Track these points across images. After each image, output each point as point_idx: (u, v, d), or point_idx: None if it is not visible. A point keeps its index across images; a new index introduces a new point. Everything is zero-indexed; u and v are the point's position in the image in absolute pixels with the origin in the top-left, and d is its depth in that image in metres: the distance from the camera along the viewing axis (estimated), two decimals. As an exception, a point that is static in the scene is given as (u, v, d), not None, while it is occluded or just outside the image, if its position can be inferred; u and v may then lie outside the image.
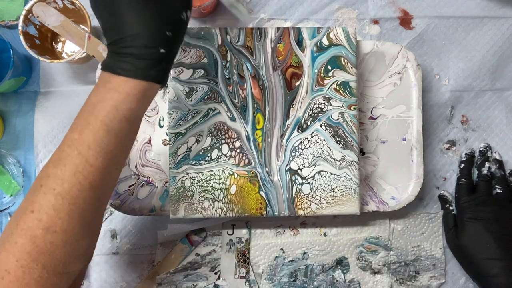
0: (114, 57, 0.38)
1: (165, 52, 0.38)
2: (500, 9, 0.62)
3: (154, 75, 0.38)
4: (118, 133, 0.38)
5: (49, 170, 0.37)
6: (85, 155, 0.37)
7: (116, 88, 0.37)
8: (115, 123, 0.37)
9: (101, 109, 0.37)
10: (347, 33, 0.53)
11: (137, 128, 0.41)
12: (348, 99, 0.53)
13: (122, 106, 0.37)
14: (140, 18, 0.37)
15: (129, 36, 0.37)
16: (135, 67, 0.37)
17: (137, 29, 0.37)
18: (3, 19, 0.59)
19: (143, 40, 0.37)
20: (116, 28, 0.38)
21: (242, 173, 0.52)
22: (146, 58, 0.37)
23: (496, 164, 0.58)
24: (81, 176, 0.37)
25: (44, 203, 0.36)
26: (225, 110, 0.53)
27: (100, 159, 0.37)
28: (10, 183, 0.59)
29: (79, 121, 0.38)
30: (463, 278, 0.59)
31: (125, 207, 0.54)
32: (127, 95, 0.37)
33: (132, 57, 0.37)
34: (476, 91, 0.61)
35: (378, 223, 0.59)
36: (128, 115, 0.38)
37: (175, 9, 0.38)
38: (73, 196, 0.36)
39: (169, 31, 0.38)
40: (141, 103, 0.38)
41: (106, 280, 0.58)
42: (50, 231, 0.36)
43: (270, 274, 0.58)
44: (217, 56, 0.53)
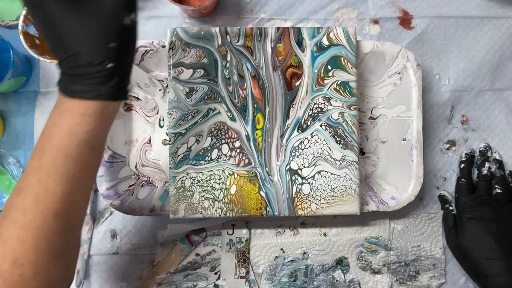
0: (64, 78, 0.36)
1: (113, 65, 0.35)
2: (500, 9, 0.62)
3: (107, 93, 0.35)
4: (77, 158, 0.36)
5: (12, 200, 0.36)
6: (45, 183, 0.35)
7: (70, 111, 0.35)
8: (72, 148, 0.35)
9: (57, 133, 0.35)
10: (347, 33, 0.53)
11: (100, 150, 0.38)
12: (348, 99, 0.53)
13: (78, 129, 0.35)
14: (77, 35, 0.34)
15: (70, 55, 0.34)
16: (85, 88, 0.35)
17: (77, 48, 0.34)
18: (3, 19, 0.59)
19: (85, 58, 0.34)
20: (58, 48, 0.35)
21: (242, 173, 0.52)
22: (94, 76, 0.34)
23: (496, 164, 0.58)
24: (43, 206, 0.35)
25: (8, 236, 0.35)
26: (225, 110, 0.53)
27: (62, 186, 0.35)
28: (10, 183, 0.59)
29: (37, 147, 0.36)
30: (463, 278, 0.59)
31: (125, 207, 0.54)
32: (82, 117, 0.35)
33: (80, 78, 0.35)
34: (476, 91, 0.61)
35: (378, 223, 0.59)
36: (86, 138, 0.36)
37: (114, 16, 0.35)
38: (37, 227, 0.35)
39: (112, 42, 0.35)
40: (99, 123, 0.36)
41: (106, 280, 0.58)
42: (18, 264, 0.34)
43: (270, 274, 0.58)
44: (217, 56, 0.53)
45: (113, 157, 0.55)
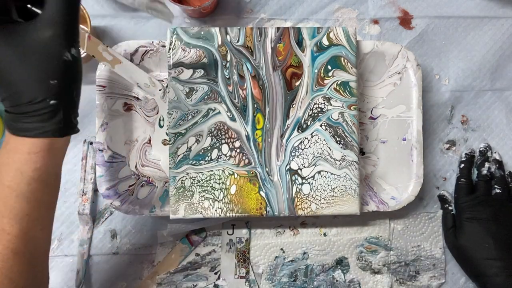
0: (9, 117, 0.34)
1: (56, 102, 0.33)
2: (500, 9, 0.62)
3: (53, 130, 0.34)
4: (29, 196, 0.35)
5: None
6: (0, 224, 0.34)
7: (16, 150, 0.34)
8: (22, 187, 0.34)
9: (5, 173, 0.34)
10: (347, 33, 0.53)
11: (54, 185, 0.37)
12: (348, 99, 0.53)
13: (26, 167, 0.34)
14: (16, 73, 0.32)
15: (12, 94, 0.33)
16: (28, 125, 0.33)
17: (17, 86, 0.33)
18: (3, 19, 0.59)
19: (26, 96, 0.33)
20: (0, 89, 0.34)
21: (242, 173, 0.52)
22: (36, 114, 0.33)
23: (496, 164, 0.58)
24: (0, 246, 0.34)
25: None
26: (225, 110, 0.53)
27: (17, 225, 0.35)
28: (10, 183, 0.59)
29: None
30: (463, 278, 0.59)
31: (125, 207, 0.54)
32: (28, 155, 0.34)
33: (24, 116, 0.33)
34: (476, 91, 0.61)
35: (378, 223, 0.59)
36: (35, 175, 0.35)
37: (54, 52, 0.33)
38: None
39: (53, 79, 0.33)
40: (48, 159, 0.35)
41: (106, 280, 0.58)
42: None
43: (270, 274, 0.58)
44: (217, 56, 0.53)
45: (113, 157, 0.55)
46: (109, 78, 0.54)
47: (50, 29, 0.32)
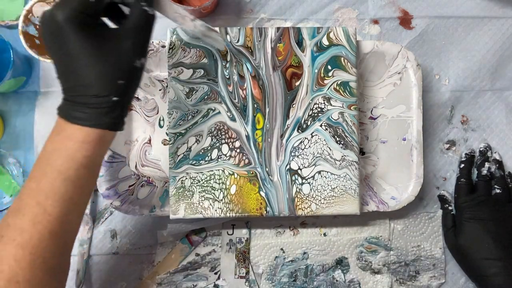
0: (68, 105, 0.38)
1: (118, 99, 0.37)
2: (500, 9, 0.62)
3: (108, 123, 0.38)
4: (75, 181, 0.38)
5: (9, 220, 0.37)
6: (43, 205, 0.37)
7: (71, 137, 0.37)
8: (71, 172, 0.37)
9: (57, 158, 0.37)
10: (347, 33, 0.53)
11: (96, 173, 0.41)
12: (348, 99, 0.53)
13: (78, 154, 0.37)
14: (91, 68, 0.36)
15: (80, 85, 0.37)
16: (88, 116, 0.37)
17: (88, 79, 0.36)
18: (3, 19, 0.59)
19: (94, 89, 0.36)
20: (68, 76, 0.37)
21: (242, 173, 0.52)
22: (98, 107, 0.37)
23: (496, 164, 0.58)
24: (40, 226, 0.37)
25: (5, 254, 0.36)
26: (225, 110, 0.53)
27: (59, 208, 0.37)
28: (10, 183, 0.59)
29: (36, 169, 0.38)
30: (463, 278, 0.59)
31: (125, 207, 0.54)
32: (81, 143, 0.37)
33: (84, 106, 0.37)
34: (476, 91, 0.61)
35: (378, 223, 0.59)
36: (84, 162, 0.38)
37: (127, 58, 0.38)
38: (34, 246, 0.36)
39: (121, 80, 0.37)
40: (97, 149, 0.38)
41: (106, 280, 0.58)
42: (13, 281, 0.36)
43: (270, 274, 0.58)
44: (217, 56, 0.53)
45: (113, 157, 0.55)
46: (109, 78, 0.54)
47: (129, 40, 0.38)
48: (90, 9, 0.36)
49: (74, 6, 0.35)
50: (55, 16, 0.35)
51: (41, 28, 0.37)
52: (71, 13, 0.35)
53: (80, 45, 0.36)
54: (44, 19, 0.36)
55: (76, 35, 0.36)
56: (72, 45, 0.36)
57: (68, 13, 0.35)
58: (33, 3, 0.52)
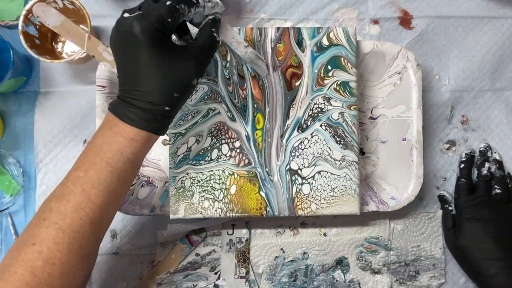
0: (123, 104, 0.41)
1: (169, 109, 0.41)
2: (500, 9, 0.62)
3: (156, 128, 0.41)
4: (120, 174, 0.41)
5: (52, 204, 0.40)
6: (88, 193, 0.40)
7: (122, 133, 0.40)
8: (119, 165, 0.40)
9: (107, 151, 0.40)
10: (347, 33, 0.53)
11: (138, 168, 0.44)
12: (348, 99, 0.53)
13: (127, 150, 0.40)
14: (154, 78, 0.39)
15: (140, 91, 0.40)
16: (140, 119, 0.40)
17: (149, 87, 0.40)
18: (3, 19, 0.59)
19: (152, 97, 0.40)
20: (130, 81, 0.40)
21: (242, 173, 0.52)
22: (151, 113, 0.40)
23: (496, 164, 0.58)
24: (82, 212, 0.39)
25: (45, 236, 0.38)
26: (225, 110, 0.53)
27: (102, 197, 0.40)
28: (10, 183, 0.59)
29: (85, 160, 0.41)
30: (463, 278, 0.59)
31: (125, 207, 0.54)
32: (131, 141, 0.40)
33: (139, 110, 0.40)
34: (476, 91, 0.61)
35: (378, 223, 0.59)
36: (131, 158, 0.41)
37: (188, 75, 0.41)
38: (74, 230, 0.39)
39: (176, 93, 0.41)
40: (143, 147, 0.41)
41: (106, 280, 0.58)
42: (49, 263, 0.38)
43: (270, 274, 0.58)
44: (217, 56, 0.53)
45: (113, 157, 0.55)
46: (109, 78, 0.54)
47: (193, 59, 0.41)
48: (165, 28, 0.39)
49: (152, 21, 0.38)
50: (133, 26, 0.38)
51: (114, 33, 0.40)
52: (149, 27, 0.38)
53: (150, 57, 0.39)
54: (120, 26, 0.40)
55: (148, 47, 0.39)
56: (142, 54, 0.39)
57: (146, 27, 0.38)
58: (33, 3, 0.52)
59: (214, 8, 0.43)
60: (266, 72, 0.52)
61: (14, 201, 0.58)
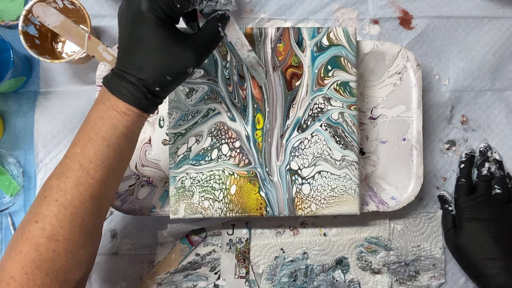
0: (116, 78, 0.41)
1: (159, 90, 0.41)
2: (500, 9, 0.62)
3: (145, 105, 0.41)
4: (116, 148, 0.41)
5: (52, 182, 0.40)
6: (86, 168, 0.40)
7: (114, 107, 0.40)
8: (114, 139, 0.41)
9: (101, 125, 0.40)
10: (347, 33, 0.53)
11: (134, 144, 0.44)
12: (348, 99, 0.53)
13: (120, 124, 0.41)
14: (152, 56, 0.40)
15: (135, 65, 0.40)
16: (131, 94, 0.40)
17: (144, 63, 0.40)
18: (3, 19, 0.59)
19: (145, 74, 0.40)
20: (128, 54, 0.41)
21: (242, 173, 0.52)
22: (141, 90, 0.40)
23: (496, 165, 0.58)
24: (82, 188, 0.40)
25: (47, 213, 0.39)
26: (225, 110, 0.53)
27: (100, 172, 0.40)
28: (10, 183, 0.59)
29: (81, 136, 0.41)
30: (463, 278, 0.59)
31: (125, 207, 0.54)
32: (124, 115, 0.40)
33: (131, 85, 0.40)
34: (476, 91, 0.61)
35: (378, 223, 0.59)
36: (125, 132, 0.41)
37: (185, 62, 0.41)
38: (75, 206, 0.40)
39: (170, 77, 0.41)
40: (136, 123, 0.42)
41: (106, 280, 0.58)
42: (53, 239, 0.39)
43: (270, 274, 0.58)
44: (217, 56, 0.53)
45: (113, 157, 0.55)
46: (109, 78, 0.54)
47: (194, 48, 0.41)
48: (172, 12, 0.40)
49: (161, 2, 0.39)
50: (142, 2, 0.39)
51: (123, 4, 0.41)
52: (156, 7, 0.39)
53: (151, 35, 0.39)
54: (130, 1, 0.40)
55: (151, 26, 0.39)
56: (144, 31, 0.39)
57: (154, 6, 0.39)
58: (33, 3, 0.52)
59: (227, 6, 0.44)
60: (264, 80, 0.52)
61: (14, 201, 0.58)
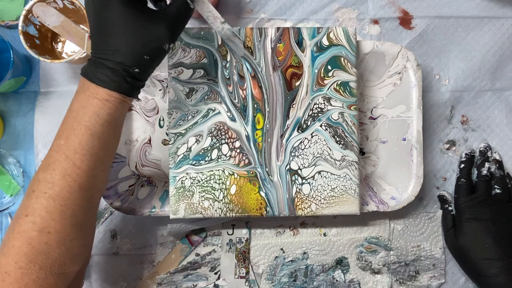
0: (93, 67, 0.40)
1: (139, 71, 0.40)
2: (500, 9, 0.62)
3: (127, 89, 0.41)
4: (100, 136, 0.41)
5: (39, 176, 0.40)
6: (72, 159, 0.40)
7: (95, 95, 0.40)
8: (97, 127, 0.40)
9: (84, 115, 0.40)
10: (347, 33, 0.53)
11: (119, 131, 0.44)
12: (348, 99, 0.53)
13: (102, 111, 0.40)
14: (124, 38, 0.39)
15: (109, 50, 0.40)
16: (110, 80, 0.40)
17: (118, 46, 0.39)
18: (3, 19, 0.59)
19: (121, 57, 0.39)
20: (101, 39, 0.40)
21: (242, 173, 0.52)
22: (120, 74, 0.40)
23: (496, 164, 0.58)
24: (70, 179, 0.39)
25: (37, 207, 0.39)
26: (225, 110, 0.53)
27: (86, 162, 0.40)
28: (10, 183, 0.59)
29: (64, 128, 0.41)
30: (463, 278, 0.59)
31: (125, 207, 0.54)
32: (105, 102, 0.40)
33: (109, 70, 0.40)
34: (476, 91, 0.61)
35: (378, 223, 0.59)
36: (108, 119, 0.41)
37: (160, 39, 0.41)
38: (64, 198, 0.39)
39: (147, 55, 0.40)
40: (119, 109, 0.41)
41: (106, 280, 0.58)
42: (45, 232, 0.38)
43: (270, 274, 0.58)
44: (217, 56, 0.53)
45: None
46: (109, 78, 0.54)
47: (166, 24, 0.41)
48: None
49: None
50: None
51: None
52: None
53: (121, 14, 0.39)
54: None
55: (119, 6, 0.39)
56: (113, 12, 0.39)
57: None
58: (33, 3, 0.52)
59: None
60: (243, 51, 0.52)
61: (14, 201, 0.58)
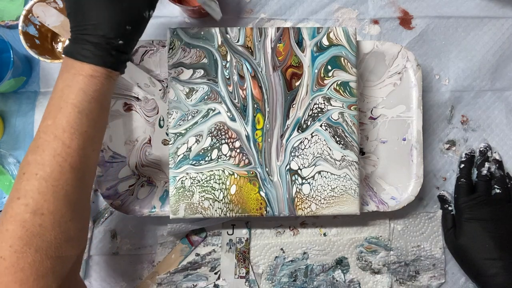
0: (75, 43, 0.40)
1: (123, 43, 0.40)
2: (500, 9, 0.62)
3: (112, 62, 0.40)
4: (88, 114, 0.40)
5: (29, 157, 0.39)
6: (61, 138, 0.39)
7: (80, 72, 0.39)
8: (84, 105, 0.40)
9: (70, 93, 0.39)
10: (347, 33, 0.53)
11: (107, 108, 0.43)
12: (348, 99, 0.53)
13: (89, 88, 0.40)
14: (103, 10, 0.39)
15: (90, 24, 0.39)
16: (94, 55, 0.39)
17: (98, 19, 0.39)
18: (3, 19, 0.59)
19: (102, 30, 0.39)
20: (79, 15, 0.40)
21: (242, 173, 0.52)
22: (104, 47, 0.39)
23: (496, 164, 0.58)
24: (60, 159, 0.39)
25: (28, 188, 0.38)
26: (225, 110, 0.53)
27: (76, 140, 0.39)
28: (10, 183, 0.59)
29: (50, 108, 0.40)
30: (463, 278, 0.59)
31: (125, 207, 0.54)
32: (91, 78, 0.40)
33: (92, 45, 0.39)
34: (476, 91, 0.61)
35: (378, 223, 0.59)
36: (95, 96, 0.40)
37: (139, 7, 0.41)
38: (55, 178, 0.38)
39: (129, 26, 0.40)
40: (106, 84, 0.41)
41: (106, 280, 0.58)
42: (38, 213, 0.37)
43: (270, 274, 0.58)
44: (217, 56, 0.53)
45: (113, 157, 0.55)
46: (109, 78, 0.54)
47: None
48: None
49: None
50: None
51: None
52: None
53: None
54: None
55: None
56: None
57: None
58: (33, 3, 0.52)
59: None
60: (220, 14, 0.52)
61: (14, 201, 0.58)
